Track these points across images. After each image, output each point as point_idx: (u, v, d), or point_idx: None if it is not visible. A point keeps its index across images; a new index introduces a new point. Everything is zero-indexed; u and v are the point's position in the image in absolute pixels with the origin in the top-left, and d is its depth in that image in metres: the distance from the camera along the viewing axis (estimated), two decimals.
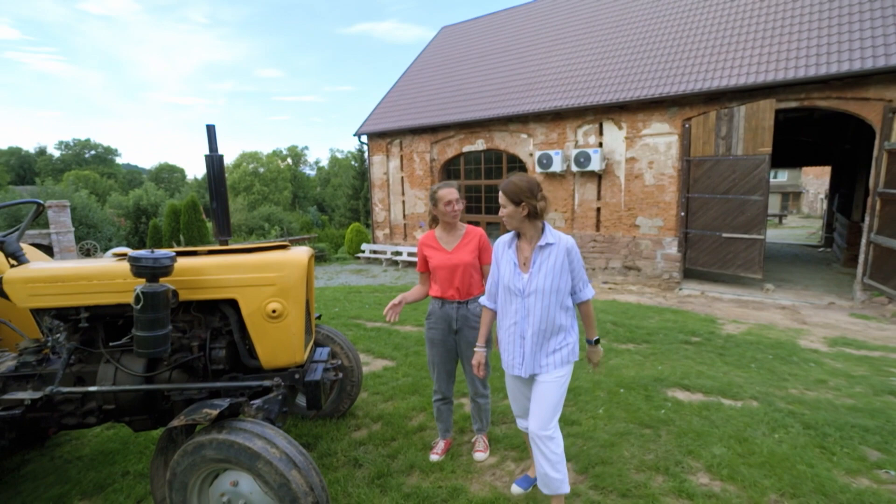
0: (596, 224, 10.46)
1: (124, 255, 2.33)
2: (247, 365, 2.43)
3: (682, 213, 9.29)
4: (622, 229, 10.08)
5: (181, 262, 2.22)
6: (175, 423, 1.91)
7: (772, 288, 8.64)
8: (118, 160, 60.99)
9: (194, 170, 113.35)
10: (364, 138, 14.75)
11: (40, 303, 2.27)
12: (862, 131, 10.21)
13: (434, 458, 2.89)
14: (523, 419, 2.48)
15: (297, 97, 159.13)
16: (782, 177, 36.00)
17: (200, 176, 56.99)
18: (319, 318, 3.34)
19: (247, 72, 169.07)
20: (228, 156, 54.94)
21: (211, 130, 2.43)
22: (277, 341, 2.34)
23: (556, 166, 10.32)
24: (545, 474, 2.20)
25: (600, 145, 10.10)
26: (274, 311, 2.28)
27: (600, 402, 3.62)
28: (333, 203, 42.93)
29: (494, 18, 16.04)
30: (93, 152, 57.50)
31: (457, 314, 2.75)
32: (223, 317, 2.42)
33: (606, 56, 10.89)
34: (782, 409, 3.46)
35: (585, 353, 2.43)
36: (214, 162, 2.46)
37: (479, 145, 12.14)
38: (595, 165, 9.80)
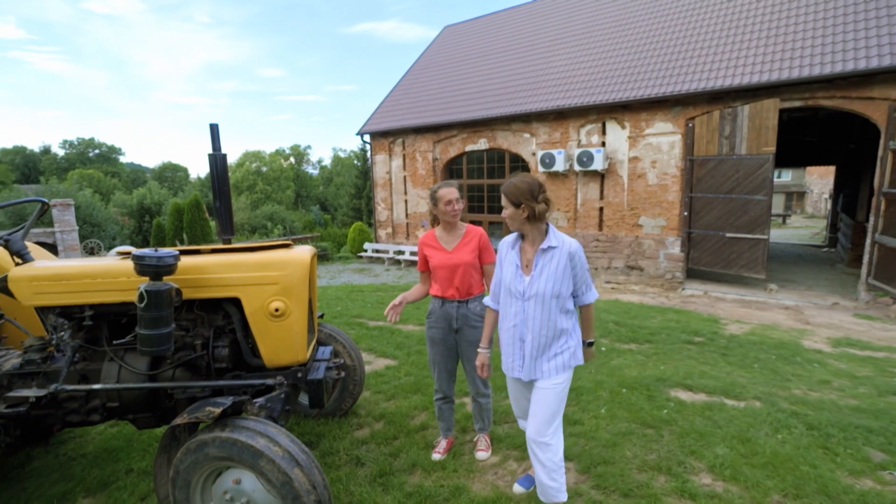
0: (599, 224, 10.44)
1: (128, 253, 2.34)
2: (249, 363, 2.43)
3: (686, 213, 9.26)
4: (625, 229, 10.06)
5: (184, 260, 2.23)
6: (178, 421, 1.92)
7: (775, 288, 8.61)
8: (122, 159, 61.36)
9: (197, 169, 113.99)
10: (367, 137, 14.77)
11: (45, 301, 2.28)
12: (867, 131, 10.16)
13: (436, 457, 2.89)
14: (524, 420, 2.47)
15: (299, 96, 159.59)
16: (786, 176, 35.86)
17: (203, 175, 57.13)
18: (322, 316, 3.35)
19: (249, 71, 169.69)
20: (231, 155, 55.00)
21: (214, 130, 2.44)
22: (280, 340, 2.35)
23: (559, 166, 10.30)
24: (541, 482, 2.19)
25: (603, 145, 10.08)
26: (277, 310, 2.29)
27: (602, 401, 3.61)
28: (336, 202, 43.01)
29: (497, 18, 16.01)
30: (97, 151, 57.80)
31: (457, 313, 2.75)
32: (226, 315, 2.42)
33: (609, 55, 10.86)
34: (785, 409, 3.45)
35: None
36: (218, 161, 2.46)
37: (481, 145, 12.13)
38: (598, 165, 9.78)
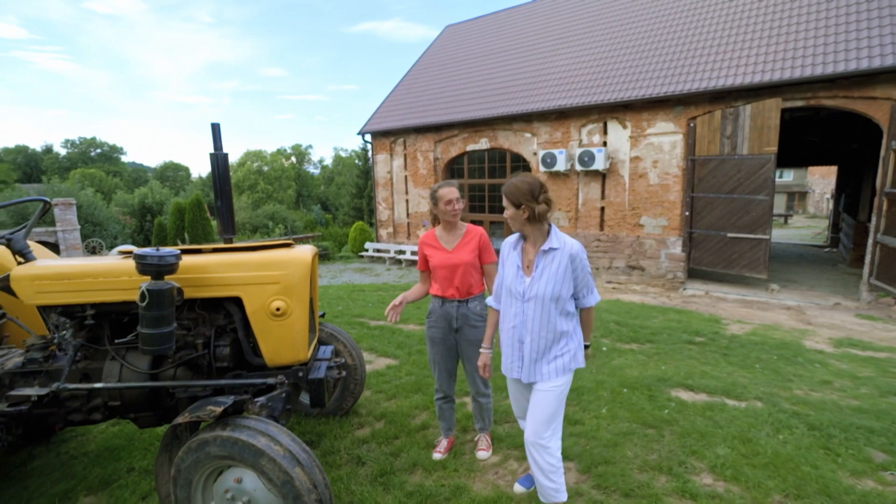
0: (600, 223, 10.43)
1: (130, 252, 2.34)
2: (251, 362, 2.44)
3: (687, 213, 9.24)
4: (626, 229, 10.04)
5: (186, 259, 2.23)
6: (179, 420, 1.92)
7: (777, 288, 8.59)
8: (123, 159, 61.46)
9: (199, 168, 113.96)
10: (368, 137, 14.77)
11: (47, 300, 2.29)
12: (869, 131, 10.13)
13: (437, 457, 2.89)
14: (524, 420, 2.47)
15: (301, 96, 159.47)
16: (788, 176, 35.80)
17: (205, 174, 57.22)
18: (323, 316, 3.36)
19: (251, 71, 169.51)
20: (233, 154, 55.04)
21: (216, 129, 2.44)
22: (281, 339, 2.35)
23: (560, 165, 10.29)
24: (539, 483, 2.19)
25: (604, 144, 10.07)
26: (278, 310, 2.29)
27: (603, 401, 3.61)
28: (337, 202, 43.01)
29: (498, 17, 16.00)
30: (98, 151, 57.91)
31: (457, 313, 2.75)
32: (227, 314, 2.43)
33: (611, 55, 10.85)
34: (787, 409, 3.44)
35: None
36: (219, 160, 2.46)
37: (482, 144, 12.12)
38: (599, 165, 9.77)
